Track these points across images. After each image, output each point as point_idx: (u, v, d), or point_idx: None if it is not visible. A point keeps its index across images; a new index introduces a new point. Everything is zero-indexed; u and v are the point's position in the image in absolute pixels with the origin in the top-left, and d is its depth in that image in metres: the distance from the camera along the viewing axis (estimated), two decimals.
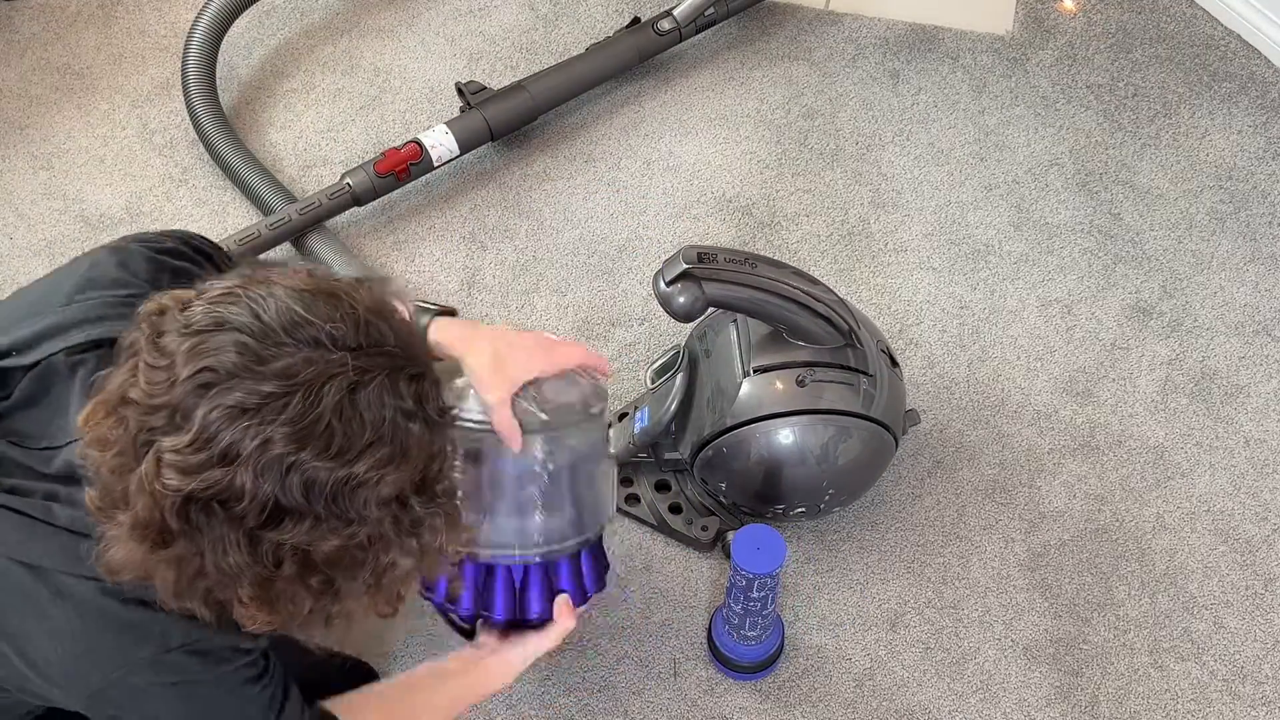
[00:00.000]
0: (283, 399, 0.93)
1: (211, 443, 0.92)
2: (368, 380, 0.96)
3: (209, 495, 0.93)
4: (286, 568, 0.97)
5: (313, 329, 0.95)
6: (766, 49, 2.25)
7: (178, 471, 0.92)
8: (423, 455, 0.99)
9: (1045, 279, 1.97)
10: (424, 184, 2.08)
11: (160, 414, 0.93)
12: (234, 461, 0.92)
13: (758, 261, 1.51)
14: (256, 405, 0.92)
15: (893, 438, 1.62)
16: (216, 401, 0.92)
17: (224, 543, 0.94)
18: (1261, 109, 2.15)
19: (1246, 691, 1.61)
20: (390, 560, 1.01)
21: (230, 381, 0.92)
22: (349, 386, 0.95)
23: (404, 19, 2.29)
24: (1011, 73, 2.22)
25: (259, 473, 0.92)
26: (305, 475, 0.93)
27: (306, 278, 1.00)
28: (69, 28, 2.27)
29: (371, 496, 0.96)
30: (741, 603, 1.50)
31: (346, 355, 0.95)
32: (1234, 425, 1.82)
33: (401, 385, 0.98)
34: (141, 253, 1.21)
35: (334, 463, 0.94)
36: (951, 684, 1.62)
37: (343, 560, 0.99)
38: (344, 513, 0.96)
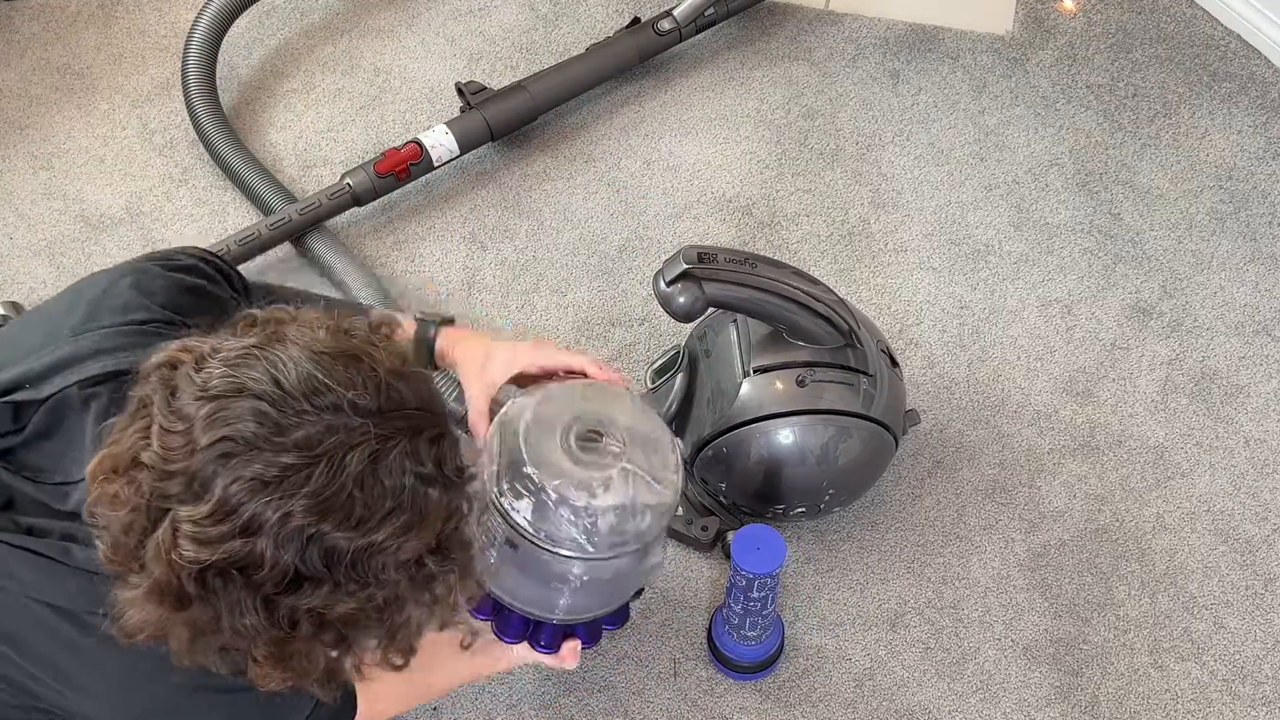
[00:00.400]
0: (305, 470, 0.92)
1: (232, 515, 0.91)
2: (389, 447, 0.95)
3: (227, 564, 0.92)
4: (303, 629, 0.96)
5: (333, 395, 0.94)
6: (766, 49, 2.25)
7: (196, 543, 0.91)
8: (440, 518, 0.99)
9: (1045, 279, 1.97)
10: (424, 184, 2.08)
11: (176, 481, 0.92)
12: (255, 534, 0.91)
13: (758, 261, 1.51)
14: (278, 477, 0.91)
15: (893, 438, 1.62)
16: (237, 473, 0.91)
17: (240, 607, 0.93)
18: (1261, 109, 2.15)
19: (1246, 691, 1.61)
20: (405, 617, 1.01)
21: (250, 453, 0.91)
22: (371, 455, 0.94)
23: (404, 19, 2.29)
24: (1011, 73, 2.22)
25: (280, 544, 0.91)
26: (326, 545, 0.93)
27: (325, 336, 0.98)
28: (69, 28, 2.27)
29: (390, 561, 0.96)
30: (741, 603, 1.50)
31: (368, 422, 0.94)
32: (1234, 425, 1.82)
33: (422, 449, 0.97)
34: (158, 273, 1.20)
35: (355, 532, 0.93)
36: (951, 684, 1.62)
37: (358, 620, 0.98)
38: (362, 578, 0.95)
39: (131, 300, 1.16)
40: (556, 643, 1.37)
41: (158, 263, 1.21)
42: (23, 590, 1.06)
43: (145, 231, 2.01)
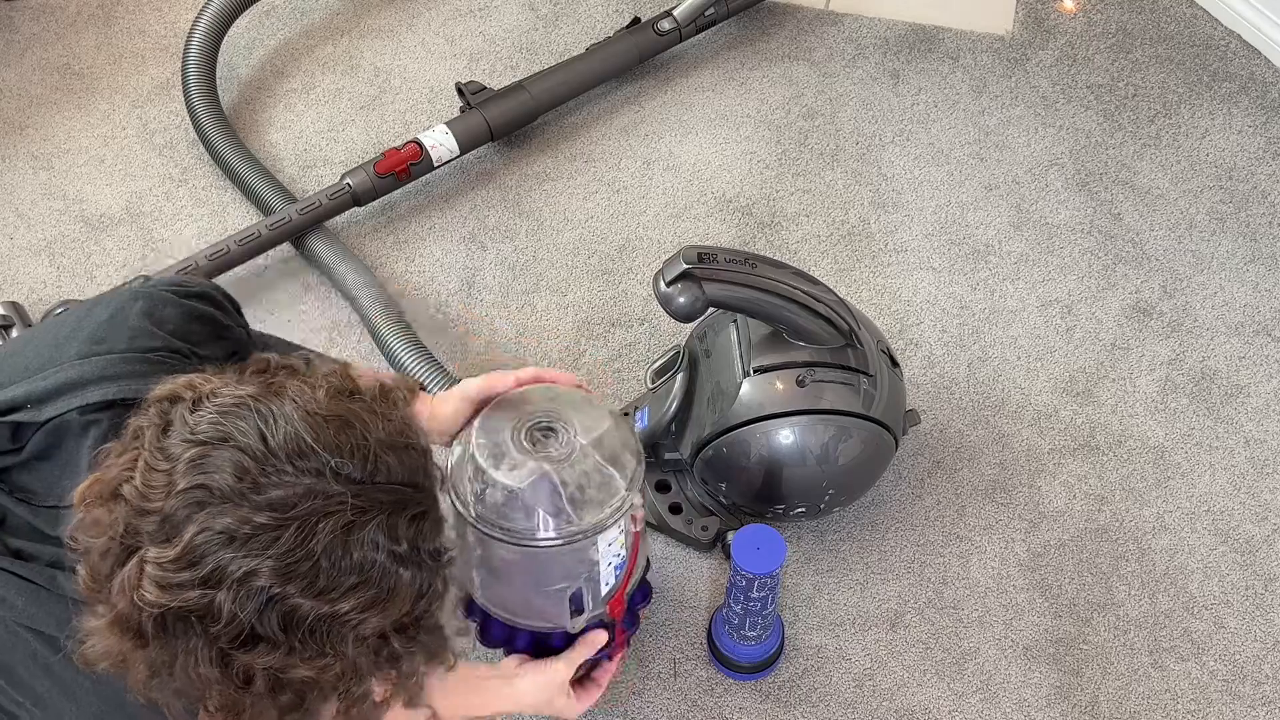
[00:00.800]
0: (274, 531, 0.90)
1: (196, 565, 0.90)
2: (365, 520, 0.93)
3: (186, 612, 0.91)
4: (257, 685, 0.95)
5: (317, 460, 0.93)
6: (766, 49, 2.25)
7: (158, 586, 0.90)
8: (410, 598, 0.97)
9: (1045, 279, 1.97)
10: (424, 184, 2.08)
11: (151, 520, 0.91)
12: (216, 586, 0.90)
13: (758, 261, 1.51)
14: (247, 535, 0.90)
15: (893, 438, 1.62)
16: (207, 524, 0.90)
17: (196, 656, 0.93)
18: (1261, 109, 2.15)
19: (1246, 691, 1.61)
20: (364, 691, 1.00)
21: (224, 505, 0.90)
22: (344, 526, 0.92)
23: (404, 19, 2.29)
24: (1011, 73, 2.22)
25: (239, 601, 0.90)
26: (286, 608, 0.91)
27: (324, 396, 0.96)
28: (69, 28, 2.27)
29: (350, 635, 0.94)
30: (741, 603, 1.50)
31: (347, 491, 0.93)
32: (1234, 425, 1.82)
33: (400, 526, 0.95)
34: (170, 300, 1.19)
35: (317, 600, 0.92)
36: (951, 684, 1.62)
37: (314, 687, 0.97)
38: (320, 646, 0.94)
39: (141, 327, 1.16)
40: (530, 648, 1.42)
41: (169, 289, 1.20)
42: (14, 617, 1.05)
43: (145, 231, 2.01)
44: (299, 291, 1.96)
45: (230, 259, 1.88)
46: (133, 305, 1.17)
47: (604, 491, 1.33)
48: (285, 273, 1.98)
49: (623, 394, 1.83)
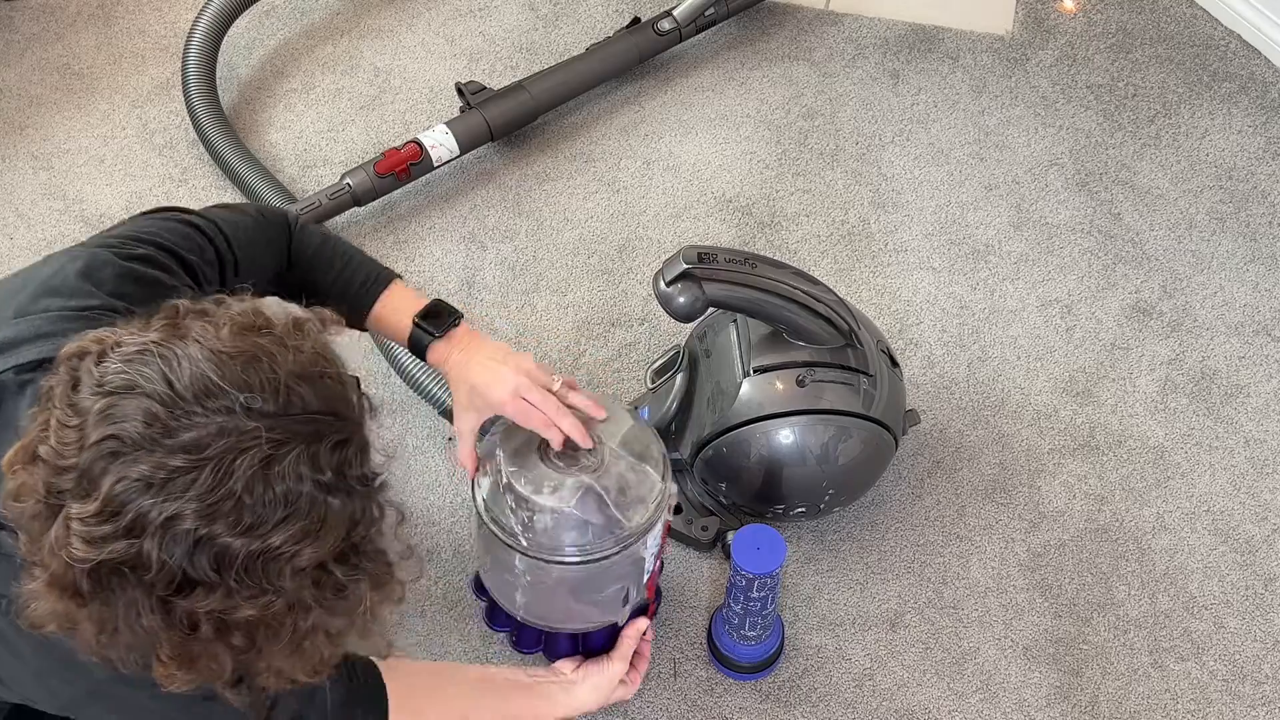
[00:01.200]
0: (190, 473, 0.90)
1: (118, 515, 0.89)
2: (283, 452, 0.92)
3: (117, 564, 0.90)
4: (203, 630, 0.94)
5: (226, 398, 0.91)
6: (766, 49, 2.25)
7: (84, 541, 0.90)
8: (343, 525, 0.96)
9: (1045, 279, 1.97)
10: (424, 184, 2.08)
11: (68, 477, 0.91)
12: (140, 535, 0.89)
13: (758, 261, 1.51)
14: (164, 479, 0.89)
15: (893, 438, 1.62)
16: (122, 473, 0.89)
17: (136, 607, 0.92)
18: (1261, 109, 2.15)
19: (1246, 691, 1.61)
20: (311, 624, 0.99)
21: (137, 453, 0.89)
22: (262, 460, 0.91)
23: (404, 19, 2.29)
24: (1011, 73, 2.22)
25: (165, 546, 0.90)
26: (216, 549, 0.91)
27: (228, 333, 0.95)
28: (69, 28, 2.27)
29: (286, 568, 0.93)
30: (741, 603, 1.50)
31: (260, 426, 0.91)
32: (1234, 425, 1.82)
33: (321, 455, 0.94)
34: (109, 260, 1.17)
35: (246, 537, 0.91)
36: (951, 684, 1.62)
37: (261, 625, 0.96)
38: (258, 584, 0.93)
39: (78, 287, 1.14)
40: (610, 640, 1.49)
41: (114, 249, 1.19)
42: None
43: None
44: None
45: None
46: (72, 264, 1.15)
47: (643, 488, 1.36)
48: None
49: (623, 394, 1.83)
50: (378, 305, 1.40)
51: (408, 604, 1.65)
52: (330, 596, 0.98)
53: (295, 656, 1.01)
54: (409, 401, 1.83)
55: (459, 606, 1.66)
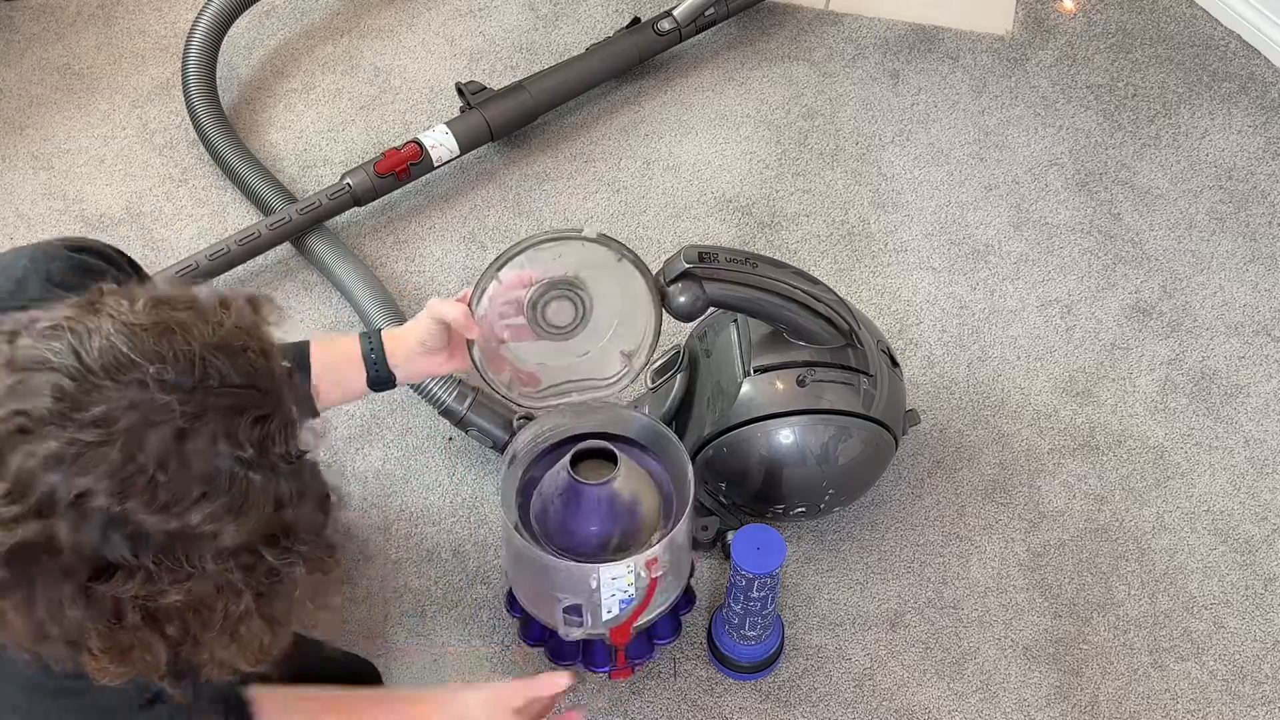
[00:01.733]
0: (101, 448, 0.86)
1: (27, 494, 0.86)
2: (198, 427, 0.89)
3: (31, 547, 0.87)
4: (130, 619, 0.91)
5: (137, 370, 0.88)
6: (766, 49, 2.25)
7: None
8: (267, 504, 0.93)
9: (1045, 279, 1.97)
10: (424, 184, 2.08)
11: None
12: (50, 514, 0.86)
13: (758, 261, 1.51)
14: (73, 455, 0.86)
15: (893, 438, 1.62)
16: (31, 450, 0.86)
17: (58, 595, 0.89)
18: (1261, 109, 2.15)
19: (1246, 691, 1.61)
20: (245, 610, 0.96)
21: (46, 429, 0.86)
22: (175, 434, 0.88)
23: (404, 19, 2.29)
24: (1011, 73, 2.22)
25: (77, 526, 0.86)
26: (131, 528, 0.87)
27: (143, 307, 0.92)
28: (69, 28, 2.27)
29: (208, 550, 0.90)
30: (741, 603, 1.50)
31: (174, 399, 0.88)
32: (1234, 425, 1.82)
33: (241, 430, 0.91)
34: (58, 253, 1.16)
35: (162, 515, 0.88)
36: (951, 684, 1.62)
37: (189, 612, 0.93)
38: (179, 566, 0.90)
39: (25, 276, 1.13)
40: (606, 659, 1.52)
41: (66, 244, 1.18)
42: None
43: (145, 231, 2.01)
44: (299, 291, 1.96)
45: (230, 259, 1.88)
46: (21, 257, 1.15)
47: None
48: (285, 273, 1.98)
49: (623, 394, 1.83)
50: (314, 360, 1.38)
51: (405, 604, 1.66)
52: (263, 581, 0.95)
53: (234, 645, 0.98)
54: (409, 401, 1.83)
55: (459, 607, 1.66)
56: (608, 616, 1.43)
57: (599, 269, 1.41)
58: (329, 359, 1.38)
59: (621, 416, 1.54)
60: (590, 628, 1.44)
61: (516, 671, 1.61)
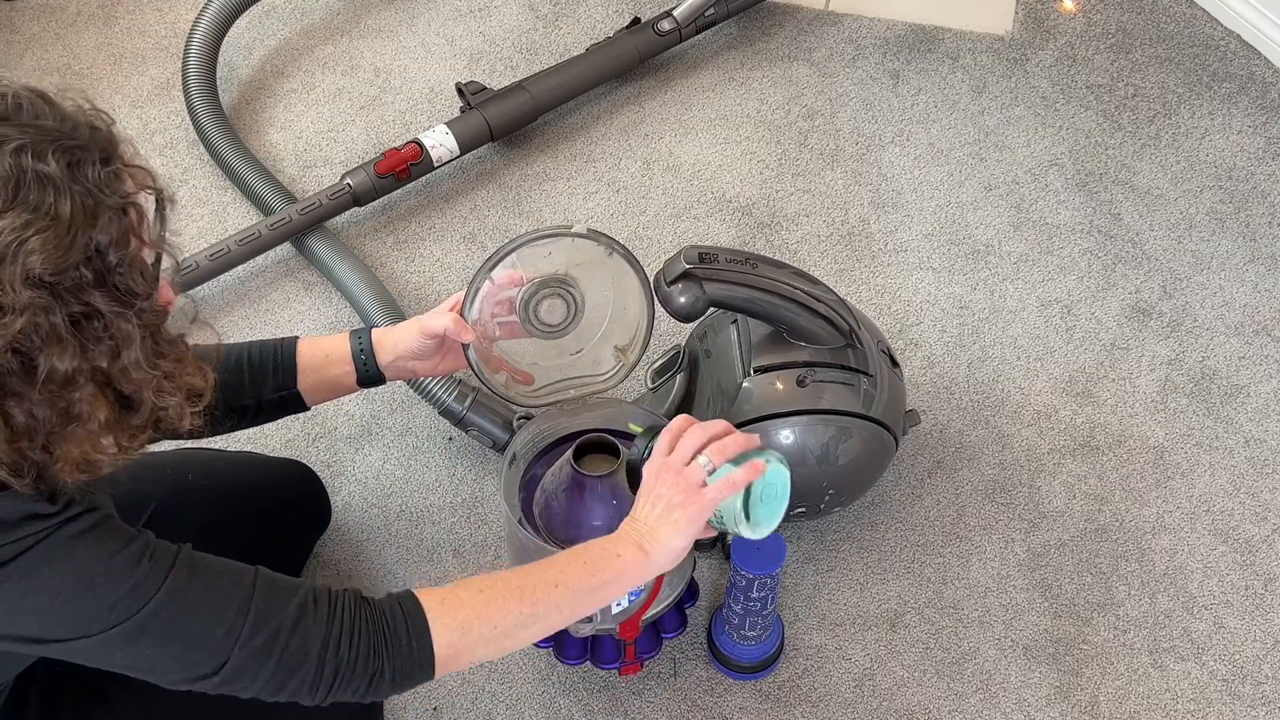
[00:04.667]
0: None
1: None
2: (3, 144, 0.91)
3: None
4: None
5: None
6: (766, 49, 2.26)
7: None
8: (82, 229, 0.93)
9: (1045, 279, 1.97)
10: (424, 184, 2.08)
11: None
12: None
13: (758, 261, 1.51)
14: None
15: (893, 438, 1.62)
16: None
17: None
18: (1261, 109, 2.16)
19: (1246, 691, 1.61)
20: (71, 367, 0.95)
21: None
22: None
23: (404, 19, 2.30)
24: (1011, 73, 2.22)
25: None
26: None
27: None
28: (69, 28, 2.27)
29: (16, 271, 0.90)
30: (741, 603, 1.50)
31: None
32: (1234, 425, 1.82)
33: (49, 154, 0.93)
34: None
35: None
36: (951, 684, 1.62)
37: (11, 363, 0.93)
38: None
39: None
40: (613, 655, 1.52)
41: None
42: None
43: None
44: (299, 291, 1.96)
45: (230, 259, 1.89)
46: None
47: None
48: (285, 273, 1.98)
49: (623, 394, 1.83)
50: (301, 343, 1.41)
51: None
52: (89, 330, 0.95)
53: (78, 428, 0.98)
54: (409, 401, 1.83)
55: None
56: (617, 610, 1.43)
57: (590, 265, 1.41)
58: (317, 357, 1.41)
59: (622, 412, 1.54)
60: (600, 623, 1.44)
61: (516, 671, 1.61)
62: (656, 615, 1.50)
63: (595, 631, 1.47)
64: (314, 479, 1.67)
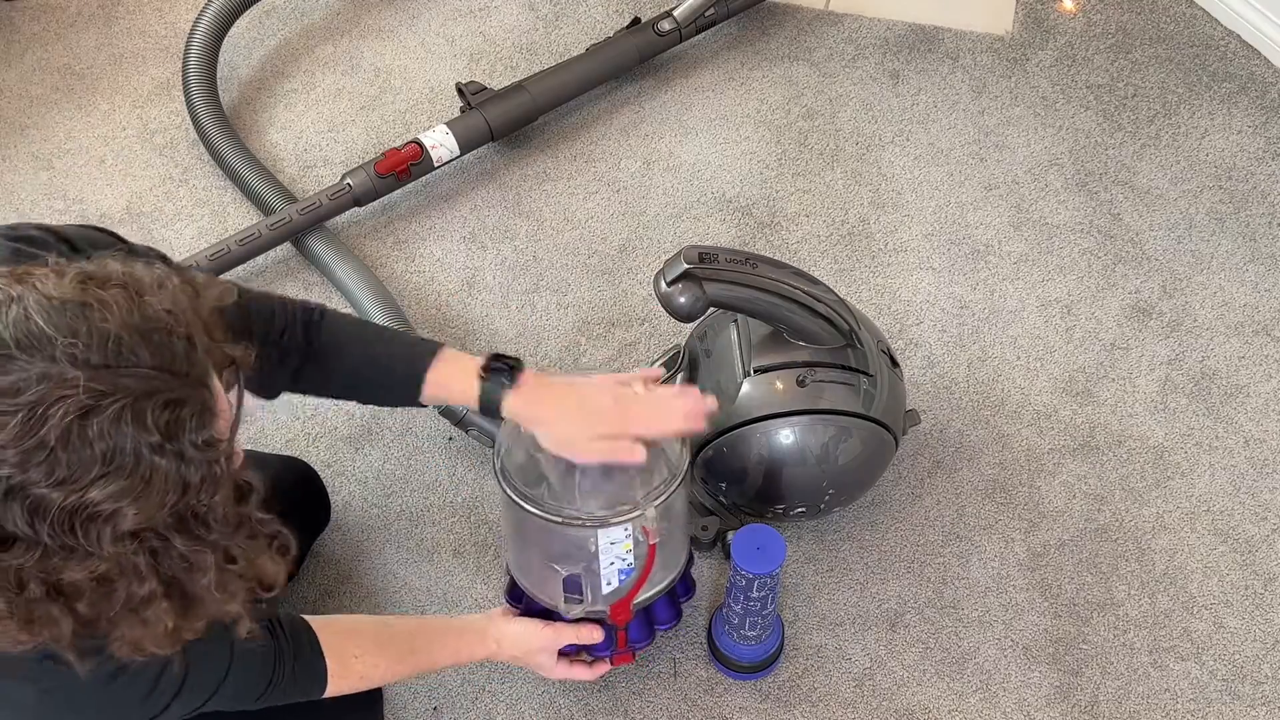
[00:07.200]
0: (4, 417, 0.87)
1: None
2: (104, 406, 0.88)
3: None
4: (32, 590, 0.92)
5: (50, 346, 0.88)
6: (766, 49, 2.26)
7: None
8: (172, 490, 0.92)
9: (1045, 279, 1.97)
10: (424, 184, 2.08)
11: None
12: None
13: (758, 261, 1.51)
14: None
15: (893, 438, 1.62)
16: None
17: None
18: (1261, 109, 2.15)
19: (1246, 691, 1.61)
20: (148, 593, 0.96)
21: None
22: (80, 410, 0.87)
23: (404, 19, 2.30)
24: (1011, 73, 2.22)
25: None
26: (30, 500, 0.88)
27: (69, 281, 0.91)
28: (69, 28, 2.27)
29: (107, 529, 0.91)
30: (741, 603, 1.50)
31: (81, 375, 0.88)
32: (1234, 425, 1.82)
33: (149, 414, 0.90)
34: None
35: (61, 489, 0.88)
36: (951, 684, 1.62)
37: (90, 590, 0.94)
38: (76, 542, 0.90)
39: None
40: None
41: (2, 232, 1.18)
42: None
43: (145, 231, 2.01)
44: (299, 291, 1.96)
45: (230, 259, 1.89)
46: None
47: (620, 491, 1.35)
48: (285, 273, 1.98)
49: None
50: (432, 371, 1.34)
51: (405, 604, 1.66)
52: (171, 565, 0.96)
53: (141, 626, 0.98)
54: None
55: (459, 607, 1.66)
56: (608, 589, 1.42)
57: None
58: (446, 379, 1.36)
59: None
60: (591, 603, 1.43)
61: (517, 671, 1.61)
62: (648, 601, 1.49)
63: (586, 614, 1.45)
64: (314, 478, 1.67)
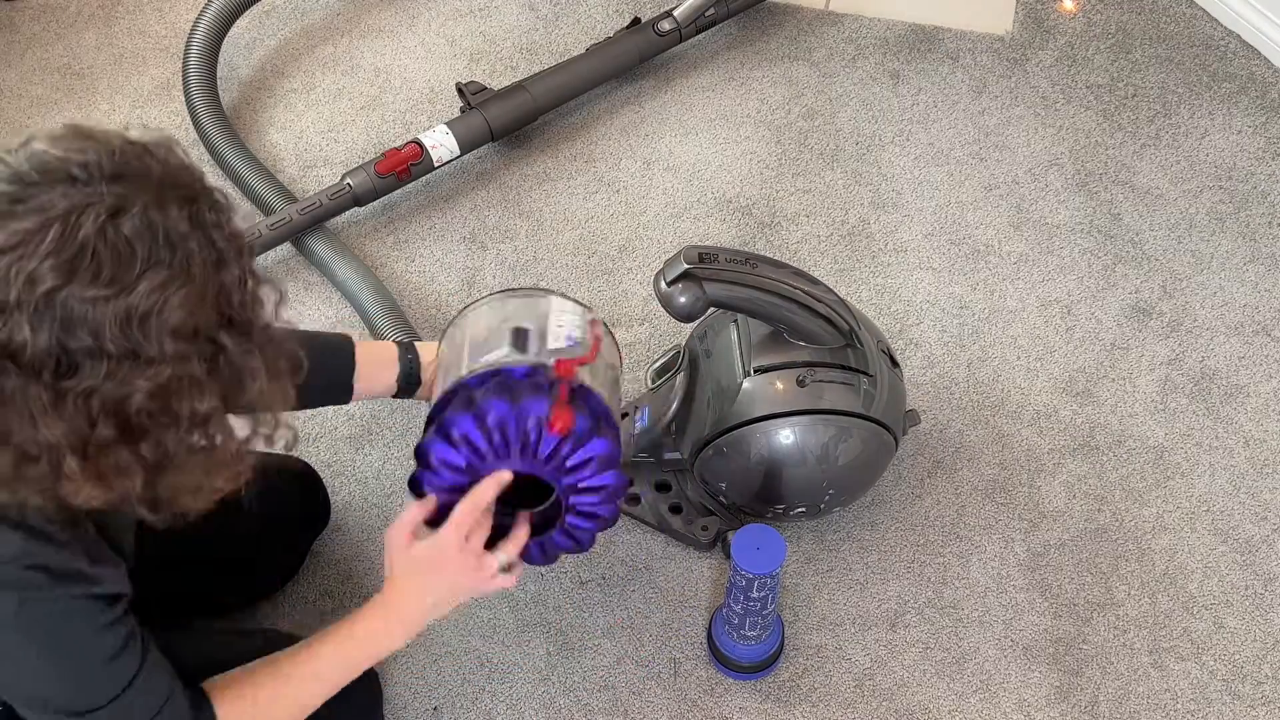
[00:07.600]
0: (40, 233, 0.92)
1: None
2: (130, 205, 0.94)
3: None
4: (102, 429, 0.96)
5: (65, 166, 0.94)
6: (766, 49, 2.26)
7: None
8: (211, 278, 0.98)
9: (1045, 279, 1.97)
10: (424, 184, 2.08)
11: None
12: (6, 309, 0.92)
13: (758, 261, 1.51)
14: (16, 243, 0.91)
15: (893, 438, 1.62)
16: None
17: (29, 404, 0.94)
18: (1261, 109, 2.16)
19: (1246, 691, 1.61)
20: (210, 407, 1.00)
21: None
22: (109, 211, 0.93)
23: (404, 19, 2.30)
24: (1011, 73, 2.22)
25: (35, 314, 0.92)
26: (82, 310, 0.92)
27: (65, 128, 0.99)
28: (69, 28, 2.27)
29: (162, 327, 0.95)
30: (741, 603, 1.50)
31: (102, 185, 0.94)
32: (1234, 425, 1.82)
33: (171, 207, 0.96)
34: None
35: (109, 290, 0.93)
36: (951, 684, 1.62)
37: (156, 409, 0.97)
38: (138, 348, 0.95)
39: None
40: None
41: None
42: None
43: None
44: (299, 291, 1.96)
45: None
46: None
47: None
48: (285, 273, 1.98)
49: (623, 394, 1.83)
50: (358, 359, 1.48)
51: None
52: (223, 370, 1.00)
53: (204, 457, 1.03)
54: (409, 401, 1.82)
55: None
56: (554, 345, 1.35)
57: None
58: (368, 356, 1.48)
59: None
60: (537, 355, 1.33)
61: (516, 671, 1.61)
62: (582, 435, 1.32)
63: (534, 363, 1.33)
64: (314, 478, 1.67)
